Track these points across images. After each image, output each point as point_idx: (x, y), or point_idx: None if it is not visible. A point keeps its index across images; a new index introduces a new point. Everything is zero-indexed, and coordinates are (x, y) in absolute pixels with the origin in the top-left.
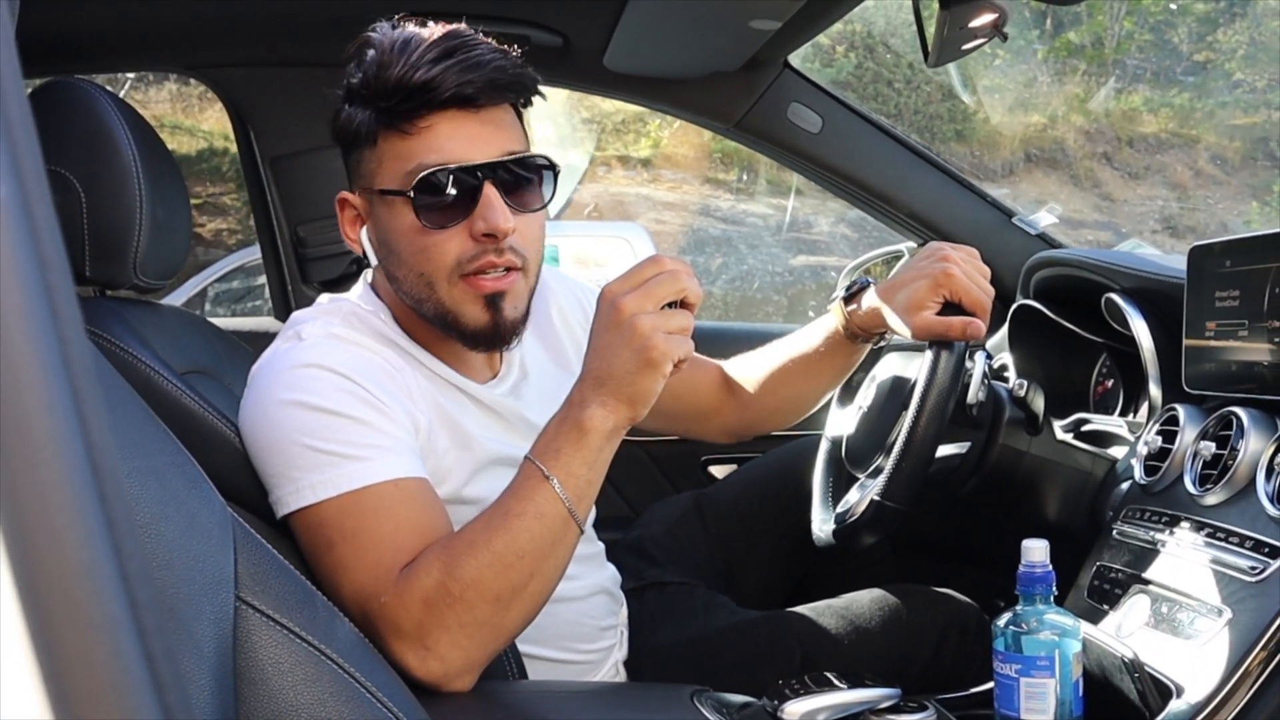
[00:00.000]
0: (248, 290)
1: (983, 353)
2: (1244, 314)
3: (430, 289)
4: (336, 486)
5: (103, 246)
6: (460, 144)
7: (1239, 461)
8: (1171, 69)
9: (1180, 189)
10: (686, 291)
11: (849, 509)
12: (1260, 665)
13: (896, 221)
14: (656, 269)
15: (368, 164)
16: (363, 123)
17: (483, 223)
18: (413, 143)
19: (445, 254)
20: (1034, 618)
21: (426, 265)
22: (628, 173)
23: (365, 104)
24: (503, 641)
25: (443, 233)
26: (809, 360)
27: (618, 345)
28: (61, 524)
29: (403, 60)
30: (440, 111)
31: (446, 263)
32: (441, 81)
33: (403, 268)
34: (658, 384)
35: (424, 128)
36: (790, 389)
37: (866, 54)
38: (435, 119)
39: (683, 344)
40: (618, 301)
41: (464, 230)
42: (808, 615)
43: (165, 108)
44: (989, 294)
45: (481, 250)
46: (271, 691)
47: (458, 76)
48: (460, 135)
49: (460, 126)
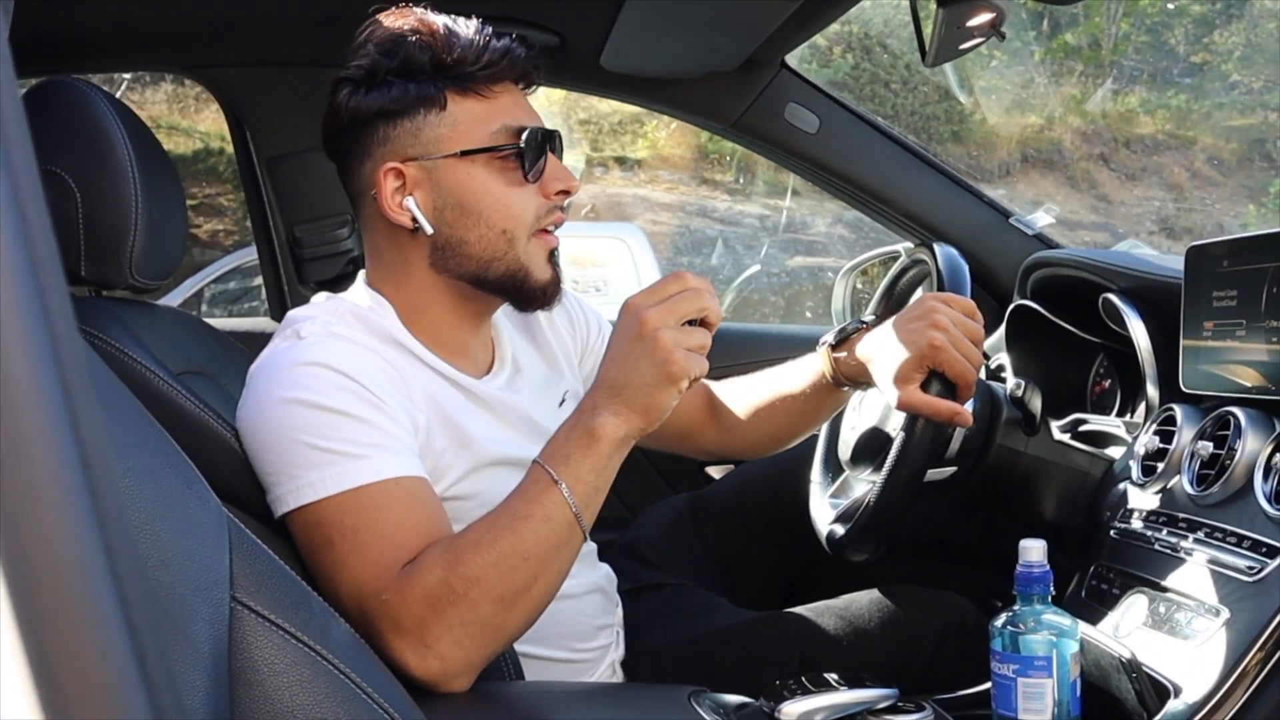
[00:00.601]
0: (244, 291)
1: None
2: (1241, 314)
3: (510, 245)
4: (337, 484)
5: (98, 246)
6: (527, 112)
7: (1236, 461)
8: (1168, 70)
9: (1177, 190)
10: (707, 310)
11: (842, 515)
12: (1258, 665)
13: (893, 222)
14: (680, 285)
15: (431, 130)
16: (420, 93)
17: (557, 182)
18: (491, 106)
19: (528, 209)
20: (1031, 618)
21: (510, 221)
22: (624, 173)
23: (415, 76)
24: (503, 643)
25: (526, 189)
26: (794, 401)
27: (638, 357)
28: (52, 521)
29: (465, 33)
30: (514, 82)
31: (528, 219)
32: (514, 54)
33: (480, 227)
34: (673, 399)
35: (500, 93)
36: (772, 425)
37: (864, 55)
38: (504, 88)
39: (700, 362)
40: (641, 314)
41: (537, 189)
42: (805, 616)
43: (162, 108)
44: (978, 363)
45: (554, 207)
46: (267, 692)
47: (518, 53)
48: (523, 105)
49: (519, 98)
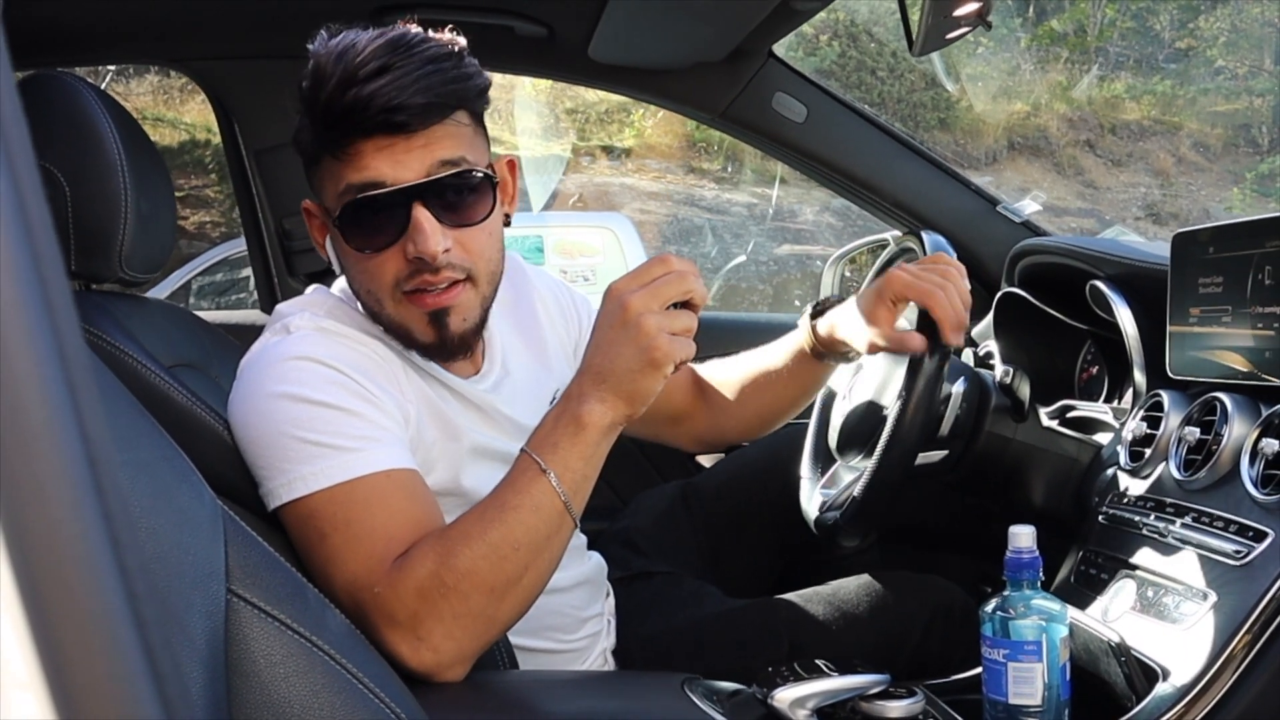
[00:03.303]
0: (232, 283)
1: (962, 378)
2: (1227, 300)
3: (380, 305)
4: (329, 478)
5: (88, 240)
6: (388, 165)
7: (1223, 447)
8: (1154, 56)
9: (1163, 176)
10: (692, 293)
11: (831, 501)
12: (1245, 648)
13: (881, 210)
14: (664, 268)
15: (315, 179)
16: (307, 141)
17: (412, 246)
18: (342, 166)
19: (384, 274)
20: (1021, 603)
21: (370, 284)
22: (612, 162)
23: (309, 121)
24: (496, 633)
25: (379, 255)
26: (777, 376)
27: (621, 343)
28: (59, 517)
29: (332, 80)
30: (368, 138)
31: (386, 282)
32: (367, 105)
33: (354, 283)
34: (658, 384)
35: (353, 152)
36: (758, 403)
37: (850, 42)
38: (363, 144)
39: (685, 346)
40: (624, 299)
41: (399, 250)
42: (795, 602)
43: (147, 100)
44: (942, 285)
45: (416, 270)
46: (264, 684)
47: (385, 99)
48: (387, 156)
49: (388, 148)
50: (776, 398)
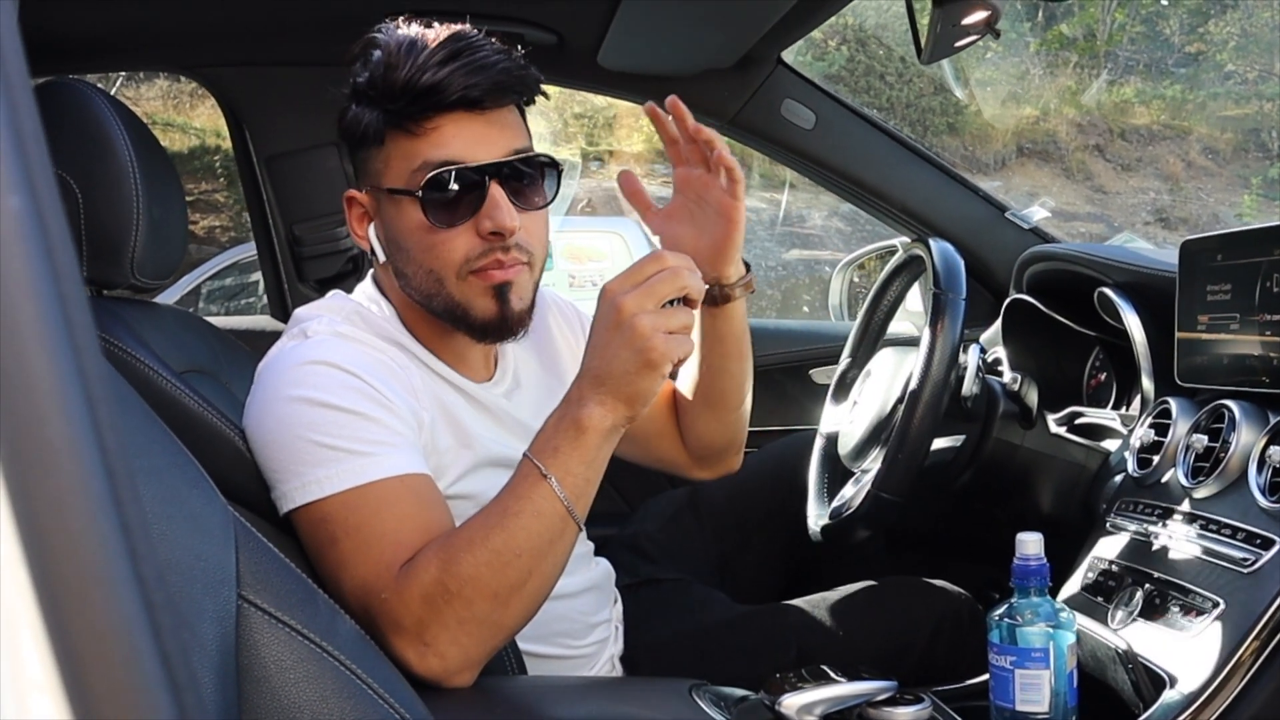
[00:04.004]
0: (241, 287)
1: (976, 345)
2: (1235, 307)
3: (440, 284)
4: (342, 481)
5: (100, 247)
6: (466, 144)
7: (1231, 454)
8: (1163, 61)
9: (1172, 180)
10: (688, 288)
11: (845, 503)
12: (1252, 656)
13: (889, 216)
14: (658, 266)
15: (375, 163)
16: (370, 123)
17: (489, 221)
18: (419, 143)
19: (453, 251)
20: (1029, 610)
21: (435, 262)
22: (621, 168)
23: (372, 104)
24: (502, 639)
25: (450, 231)
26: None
27: (617, 345)
28: (78, 528)
29: (409, 62)
30: (446, 113)
31: (455, 260)
32: (448, 84)
33: (411, 264)
34: (656, 384)
35: (430, 129)
36: (703, 382)
37: (859, 48)
38: (441, 120)
39: (683, 343)
40: (618, 300)
41: (471, 228)
42: (803, 608)
43: (156, 105)
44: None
45: (489, 248)
46: (274, 689)
47: (464, 79)
48: (465, 136)
49: (465, 127)
50: (710, 365)
